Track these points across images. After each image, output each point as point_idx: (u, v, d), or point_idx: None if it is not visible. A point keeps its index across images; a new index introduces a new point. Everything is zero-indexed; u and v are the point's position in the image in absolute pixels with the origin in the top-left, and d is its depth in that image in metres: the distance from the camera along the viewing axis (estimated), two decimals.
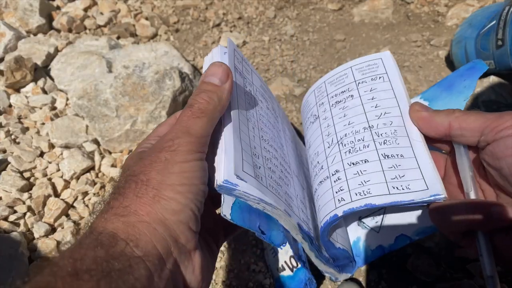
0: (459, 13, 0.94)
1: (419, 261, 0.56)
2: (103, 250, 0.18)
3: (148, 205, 0.20)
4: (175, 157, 0.22)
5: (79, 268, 0.16)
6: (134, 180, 0.22)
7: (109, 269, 0.17)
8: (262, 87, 0.35)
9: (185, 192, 0.21)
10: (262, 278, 0.59)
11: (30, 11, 0.92)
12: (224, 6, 1.05)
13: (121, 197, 0.21)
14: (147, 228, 0.20)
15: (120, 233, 0.19)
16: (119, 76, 0.72)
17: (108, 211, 0.21)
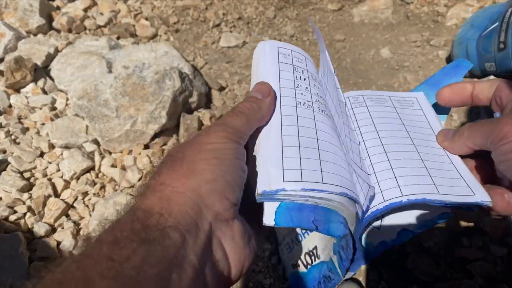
0: (458, 13, 0.94)
1: (419, 261, 0.57)
2: (139, 224, 0.19)
3: (183, 176, 0.22)
4: (209, 138, 0.24)
5: (119, 238, 0.18)
6: (170, 159, 0.23)
7: (145, 238, 0.18)
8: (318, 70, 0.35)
9: (218, 165, 0.22)
10: (262, 278, 0.59)
11: (30, 11, 0.92)
12: (224, 6, 1.05)
13: (157, 175, 0.23)
14: (180, 198, 0.21)
15: (155, 207, 0.20)
16: (119, 76, 0.72)
17: (146, 190, 0.22)
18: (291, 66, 0.32)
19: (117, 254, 0.17)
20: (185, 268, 0.19)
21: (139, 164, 0.70)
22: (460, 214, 0.60)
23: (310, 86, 0.32)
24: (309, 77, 0.33)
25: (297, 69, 0.32)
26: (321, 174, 0.26)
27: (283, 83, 0.31)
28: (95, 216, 0.63)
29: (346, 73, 0.88)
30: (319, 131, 0.29)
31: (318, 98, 0.32)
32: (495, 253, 0.57)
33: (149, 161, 0.71)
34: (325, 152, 0.28)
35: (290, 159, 0.26)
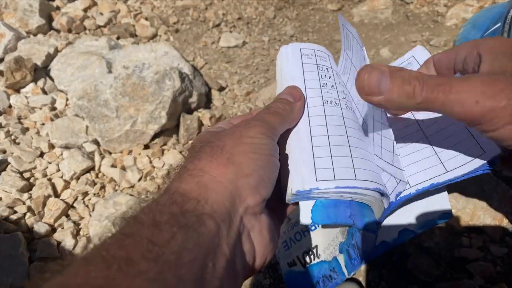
0: (458, 13, 0.94)
1: (419, 261, 0.57)
2: (177, 207, 0.20)
3: (222, 165, 0.22)
4: (249, 132, 0.24)
5: (158, 221, 0.18)
6: (210, 146, 0.24)
7: (184, 223, 0.19)
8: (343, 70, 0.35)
9: (255, 159, 0.23)
10: (262, 278, 0.59)
11: (30, 11, 0.92)
12: (223, 7, 1.05)
13: (196, 160, 0.23)
14: (218, 187, 0.21)
15: (192, 193, 0.21)
16: (119, 76, 0.72)
17: (184, 173, 0.22)
18: (315, 66, 0.32)
19: (157, 237, 0.18)
20: (218, 257, 0.19)
21: (139, 164, 0.70)
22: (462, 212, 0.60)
23: (336, 84, 0.33)
24: (334, 75, 0.33)
25: (322, 68, 0.33)
26: (353, 171, 0.26)
27: (309, 84, 0.31)
28: (95, 216, 0.63)
29: None
30: (348, 128, 0.29)
31: (344, 95, 0.32)
32: (495, 253, 0.57)
33: (149, 161, 0.71)
34: (356, 149, 0.28)
35: (321, 159, 0.26)
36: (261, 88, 0.86)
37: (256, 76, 0.88)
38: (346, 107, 0.31)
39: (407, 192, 0.28)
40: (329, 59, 0.35)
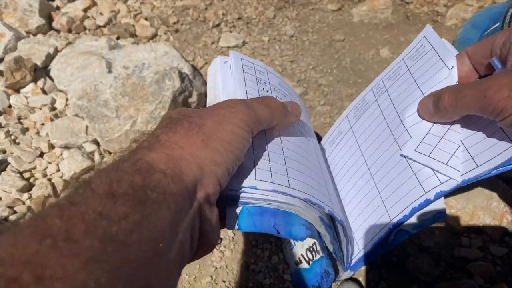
0: (458, 13, 0.94)
1: (419, 261, 0.57)
2: (140, 177, 0.18)
3: (195, 146, 0.21)
4: (232, 118, 0.23)
5: (115, 190, 0.16)
6: (188, 120, 0.22)
7: (144, 198, 0.17)
8: (280, 84, 0.35)
9: (229, 151, 0.22)
10: (262, 278, 0.59)
11: (29, 11, 0.92)
12: (223, 7, 1.05)
13: (171, 132, 0.22)
14: (187, 167, 0.20)
15: (160, 164, 0.19)
16: (119, 76, 0.72)
17: (155, 142, 0.21)
18: (255, 78, 0.32)
19: (109, 210, 0.15)
20: (174, 241, 0.18)
21: None
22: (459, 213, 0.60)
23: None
24: (271, 89, 0.33)
25: (260, 81, 0.33)
26: (287, 179, 0.27)
27: (249, 91, 0.31)
28: None
29: (346, 73, 0.88)
30: (283, 139, 0.30)
31: None
32: (494, 253, 0.57)
33: None
34: (290, 160, 0.29)
35: (260, 160, 0.27)
36: None
37: None
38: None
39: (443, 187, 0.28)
40: (267, 74, 0.35)
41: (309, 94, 0.84)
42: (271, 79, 0.34)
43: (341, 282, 0.56)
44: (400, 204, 0.30)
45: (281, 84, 0.36)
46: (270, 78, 0.34)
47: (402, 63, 0.36)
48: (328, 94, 0.84)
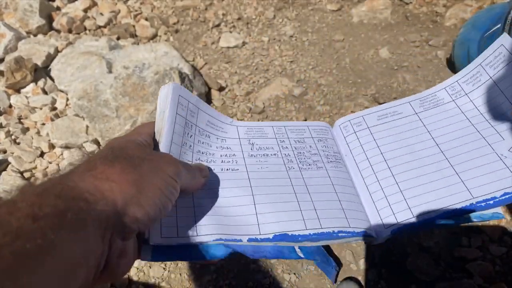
0: (457, 14, 0.95)
1: (418, 261, 0.57)
2: (64, 204, 0.19)
3: (127, 183, 0.22)
4: (168, 168, 0.25)
5: (36, 213, 0.17)
6: (128, 159, 0.24)
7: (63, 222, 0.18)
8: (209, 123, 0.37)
9: (157, 197, 0.23)
10: (262, 277, 0.59)
11: (30, 12, 0.92)
12: (223, 7, 1.05)
13: (109, 164, 0.23)
14: (111, 200, 0.21)
15: (86, 194, 0.20)
16: (119, 76, 0.72)
17: (88, 171, 0.22)
18: (184, 120, 0.34)
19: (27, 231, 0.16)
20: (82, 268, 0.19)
21: None
22: None
23: (194, 144, 0.34)
24: (195, 133, 0.35)
25: (188, 124, 0.34)
26: (196, 228, 0.29)
27: (175, 138, 0.32)
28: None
29: (346, 73, 0.89)
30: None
31: (199, 156, 0.34)
32: (494, 252, 0.57)
33: None
34: (200, 208, 0.30)
35: (167, 217, 0.28)
36: (260, 88, 0.86)
37: (255, 76, 0.88)
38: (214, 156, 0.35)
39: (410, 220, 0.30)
40: (198, 114, 0.36)
41: (308, 94, 0.84)
42: (199, 120, 0.36)
43: (340, 281, 0.57)
44: (488, 186, 0.32)
45: (210, 122, 0.38)
46: (198, 119, 0.36)
47: (482, 69, 0.38)
48: (328, 94, 0.84)
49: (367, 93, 0.83)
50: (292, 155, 0.37)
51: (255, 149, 0.37)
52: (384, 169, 0.35)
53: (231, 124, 0.38)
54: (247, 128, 0.39)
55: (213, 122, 0.37)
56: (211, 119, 0.37)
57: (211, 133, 0.37)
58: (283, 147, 0.38)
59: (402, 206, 0.33)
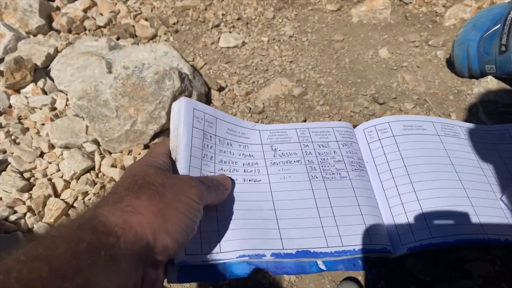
0: (457, 14, 0.95)
1: (418, 261, 0.57)
2: (97, 239, 0.20)
3: (153, 214, 0.23)
4: (190, 192, 0.26)
5: (73, 249, 0.19)
6: (152, 188, 0.25)
7: (97, 258, 0.19)
8: (229, 130, 0.37)
9: (183, 222, 0.25)
10: (262, 277, 0.59)
11: (29, 12, 0.92)
12: (223, 7, 1.05)
13: (135, 196, 0.24)
14: (141, 233, 0.22)
15: (117, 228, 0.21)
16: (119, 76, 0.72)
17: (117, 204, 0.23)
18: (202, 133, 0.33)
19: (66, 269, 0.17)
20: None
21: None
22: None
23: (215, 154, 0.34)
24: (215, 143, 0.34)
25: (206, 136, 0.34)
26: (219, 244, 0.29)
27: (194, 152, 0.32)
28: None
29: (345, 73, 0.89)
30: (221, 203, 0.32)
31: (222, 166, 0.34)
32: (493, 252, 0.57)
33: None
34: (224, 222, 0.30)
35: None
36: (260, 88, 0.86)
37: (255, 76, 0.88)
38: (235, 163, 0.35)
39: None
40: (216, 124, 0.36)
41: (308, 94, 0.84)
42: (218, 130, 0.36)
43: (340, 281, 0.57)
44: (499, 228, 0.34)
45: (230, 129, 0.37)
46: (217, 129, 0.35)
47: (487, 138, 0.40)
48: (327, 94, 0.84)
49: (366, 93, 0.84)
50: (315, 162, 0.36)
51: (277, 155, 0.36)
52: (406, 183, 0.35)
53: (253, 129, 0.38)
54: (270, 132, 0.38)
55: (234, 129, 0.37)
56: (232, 126, 0.37)
57: (233, 140, 0.36)
58: (306, 153, 0.36)
59: (421, 224, 0.33)
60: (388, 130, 0.39)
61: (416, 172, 0.37)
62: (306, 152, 0.38)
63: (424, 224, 0.34)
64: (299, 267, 0.31)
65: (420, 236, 0.33)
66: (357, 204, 0.34)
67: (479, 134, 0.42)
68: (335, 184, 0.35)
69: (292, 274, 0.32)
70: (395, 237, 0.34)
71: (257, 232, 0.31)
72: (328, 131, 0.40)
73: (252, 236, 0.30)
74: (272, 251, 0.30)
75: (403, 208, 0.35)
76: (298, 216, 0.33)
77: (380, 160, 0.38)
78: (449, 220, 0.33)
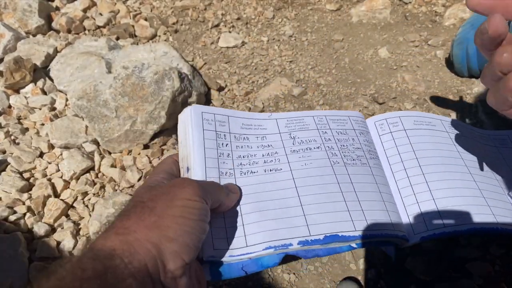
0: (456, 13, 0.95)
1: (418, 260, 0.57)
2: (101, 264, 0.20)
3: (147, 228, 0.23)
4: (182, 193, 0.25)
5: (80, 277, 0.19)
6: (141, 206, 0.24)
7: (105, 281, 0.19)
8: (244, 126, 0.37)
9: (182, 224, 0.24)
10: (261, 277, 0.59)
11: (29, 12, 0.92)
12: (223, 7, 1.05)
13: (125, 219, 0.23)
14: (142, 248, 0.22)
15: (117, 250, 0.21)
16: (119, 76, 0.72)
17: (110, 230, 0.23)
18: (214, 133, 0.33)
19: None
20: None
21: (139, 164, 0.70)
22: None
23: (232, 151, 0.34)
24: (231, 140, 0.34)
25: (220, 135, 0.34)
26: (244, 238, 0.29)
27: (208, 153, 0.32)
28: (94, 216, 0.63)
29: (345, 73, 0.89)
30: (244, 196, 0.31)
31: (241, 161, 0.34)
32: (493, 252, 0.57)
33: (149, 161, 0.71)
34: (248, 215, 0.30)
35: (216, 229, 0.29)
36: (260, 88, 0.86)
37: (255, 76, 0.88)
38: (241, 174, 0.33)
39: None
40: (228, 122, 0.36)
41: (308, 94, 0.84)
42: (232, 127, 0.35)
43: (340, 281, 0.57)
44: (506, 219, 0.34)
45: (245, 124, 0.37)
46: (231, 126, 0.35)
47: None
48: (327, 93, 0.84)
49: (366, 93, 0.83)
50: (335, 148, 0.36)
51: (296, 143, 0.36)
52: (418, 175, 0.35)
53: (269, 118, 0.37)
54: (287, 120, 0.38)
55: (248, 123, 0.37)
56: (246, 121, 0.36)
57: (249, 134, 0.36)
58: (325, 139, 0.36)
59: (434, 214, 0.33)
60: (399, 124, 0.40)
61: (428, 164, 0.37)
62: (325, 138, 0.37)
63: (436, 213, 0.34)
64: (330, 248, 0.31)
65: (433, 226, 0.33)
66: (378, 190, 0.34)
67: (484, 136, 0.43)
68: (356, 170, 0.35)
69: (323, 255, 0.32)
70: (408, 227, 0.34)
71: (282, 221, 0.30)
72: (345, 119, 0.40)
73: (277, 227, 0.30)
74: (298, 239, 0.29)
75: (415, 198, 0.35)
76: (323, 200, 0.32)
77: (391, 152, 0.38)
78: (461, 209, 0.34)
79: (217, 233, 0.29)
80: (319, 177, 0.34)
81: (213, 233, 0.28)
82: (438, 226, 0.33)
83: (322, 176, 0.34)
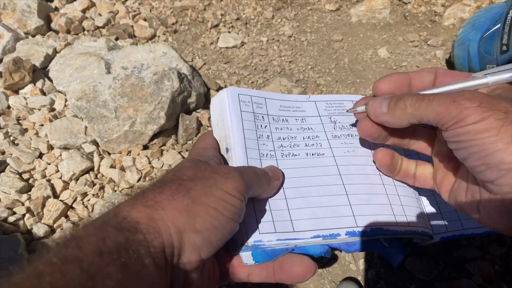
0: (456, 13, 0.95)
1: (417, 260, 0.57)
2: (124, 237, 0.19)
3: (177, 210, 0.21)
4: (224, 184, 0.23)
5: (101, 249, 0.17)
6: (178, 182, 0.23)
7: (127, 258, 0.18)
8: (282, 107, 0.35)
9: (213, 218, 0.22)
10: None
11: (28, 12, 0.92)
12: (222, 7, 1.05)
13: (158, 191, 0.22)
14: (165, 231, 0.20)
15: (141, 224, 0.20)
16: (118, 77, 0.72)
17: (139, 198, 0.21)
18: (252, 115, 0.32)
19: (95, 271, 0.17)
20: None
21: (138, 164, 0.70)
22: None
23: (271, 132, 0.33)
24: (269, 122, 0.33)
25: (258, 117, 0.32)
26: (291, 223, 0.27)
27: (247, 134, 0.31)
28: (94, 217, 0.63)
29: (344, 73, 0.89)
30: (286, 180, 0.30)
31: (281, 143, 0.32)
32: (493, 252, 0.57)
33: (148, 162, 0.71)
34: (292, 200, 0.29)
35: (261, 213, 0.27)
36: (259, 88, 0.86)
37: (254, 77, 0.88)
38: (282, 156, 0.32)
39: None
40: (265, 104, 0.35)
41: (307, 94, 0.84)
42: (269, 109, 0.34)
43: (340, 281, 0.57)
44: None
45: (283, 106, 0.36)
46: (268, 108, 0.34)
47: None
48: (327, 94, 0.84)
49: (366, 93, 0.83)
50: None
51: (338, 128, 0.34)
52: None
53: (308, 100, 0.36)
54: (326, 103, 0.36)
55: (286, 105, 0.36)
56: (284, 103, 0.35)
57: (288, 116, 0.35)
58: None
59: (453, 216, 0.33)
60: None
61: None
62: None
63: (455, 216, 0.33)
64: (371, 243, 0.30)
65: (453, 227, 0.32)
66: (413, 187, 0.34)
67: None
68: None
69: (362, 251, 0.31)
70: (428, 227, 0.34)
71: (329, 210, 0.29)
72: None
73: (324, 215, 0.28)
74: (346, 229, 0.28)
75: (435, 199, 0.34)
76: (367, 191, 0.31)
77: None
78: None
79: (262, 216, 0.27)
80: (362, 167, 0.32)
81: (257, 217, 0.27)
82: (458, 228, 0.33)
83: (364, 166, 0.32)
